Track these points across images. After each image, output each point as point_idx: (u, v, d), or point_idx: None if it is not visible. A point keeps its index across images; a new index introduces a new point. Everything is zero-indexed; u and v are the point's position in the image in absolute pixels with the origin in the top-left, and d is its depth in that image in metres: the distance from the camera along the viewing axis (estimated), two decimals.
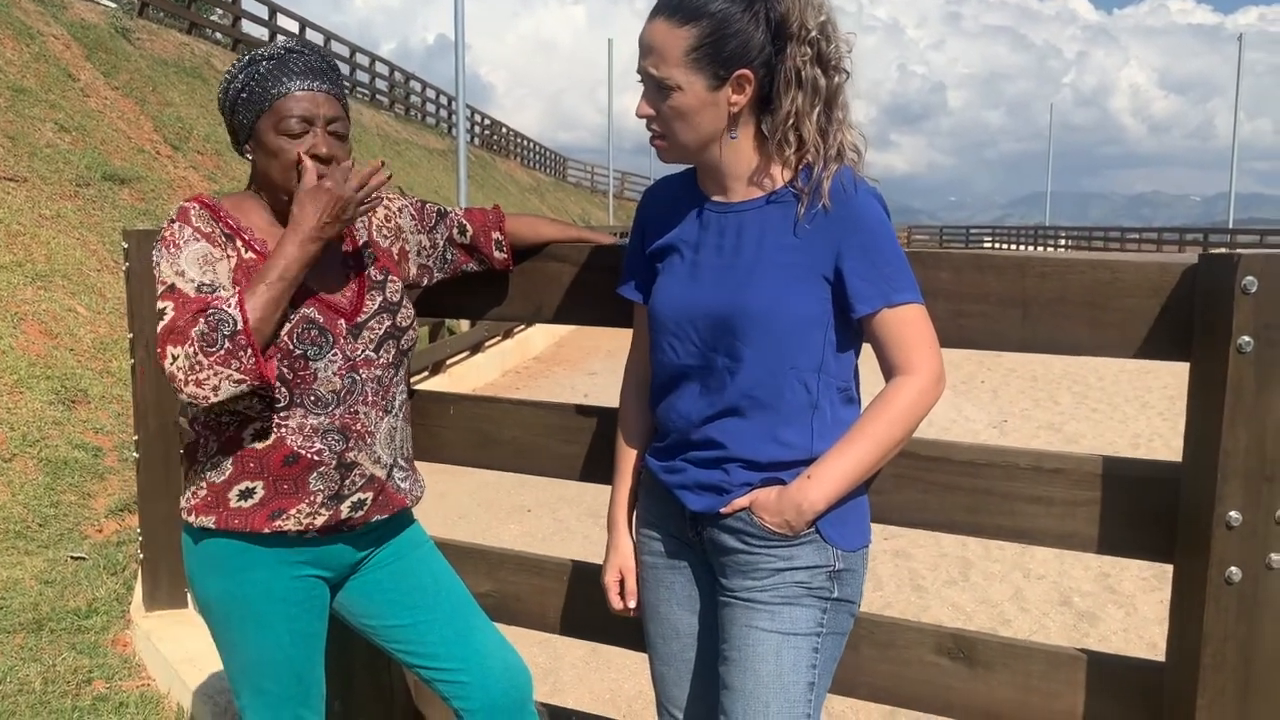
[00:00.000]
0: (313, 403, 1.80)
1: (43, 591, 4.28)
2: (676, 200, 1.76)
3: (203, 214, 1.78)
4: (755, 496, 1.64)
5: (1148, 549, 1.74)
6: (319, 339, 1.78)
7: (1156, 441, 9.13)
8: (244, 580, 1.83)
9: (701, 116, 1.60)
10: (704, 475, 1.69)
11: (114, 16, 15.38)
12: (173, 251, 1.71)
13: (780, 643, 1.62)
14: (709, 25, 1.55)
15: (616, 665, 4.24)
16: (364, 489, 1.88)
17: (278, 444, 1.79)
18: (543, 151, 45.23)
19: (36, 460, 5.64)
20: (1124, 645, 4.68)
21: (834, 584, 1.65)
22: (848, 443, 1.62)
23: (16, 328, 6.81)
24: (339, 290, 1.85)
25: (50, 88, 11.38)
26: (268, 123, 1.77)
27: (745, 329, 1.60)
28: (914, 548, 5.94)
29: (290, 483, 1.81)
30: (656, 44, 1.58)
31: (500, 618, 2.38)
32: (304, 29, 24.88)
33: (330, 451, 1.82)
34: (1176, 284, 1.66)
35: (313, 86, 1.78)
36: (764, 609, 1.64)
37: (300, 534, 1.84)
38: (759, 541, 1.64)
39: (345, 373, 1.82)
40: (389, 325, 1.90)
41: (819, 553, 1.64)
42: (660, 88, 1.59)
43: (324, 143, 1.78)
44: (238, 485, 1.81)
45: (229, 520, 1.80)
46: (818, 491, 1.59)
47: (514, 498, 6.95)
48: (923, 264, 1.79)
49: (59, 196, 9.30)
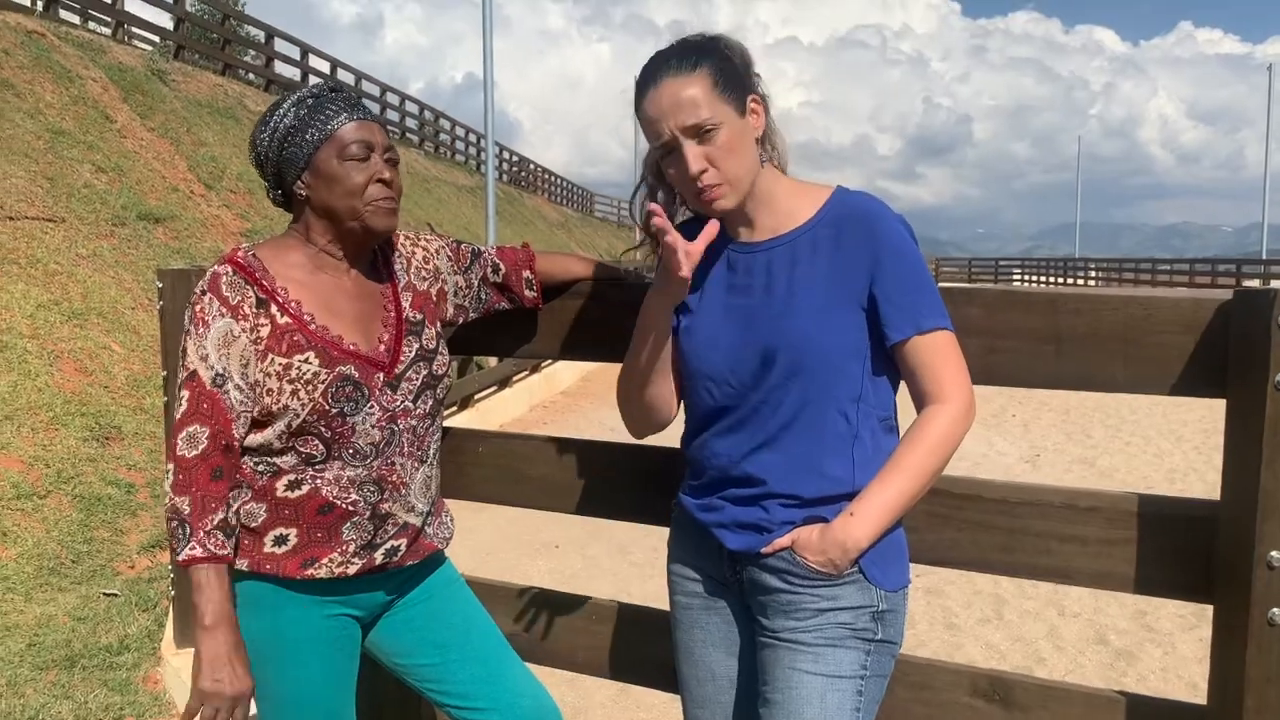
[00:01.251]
0: (351, 455, 1.80)
1: (75, 628, 4.31)
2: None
3: (235, 280, 1.77)
4: (798, 535, 1.62)
5: (1186, 589, 1.71)
6: (354, 394, 1.78)
7: (1192, 476, 8.99)
8: (277, 619, 1.83)
9: (746, 146, 1.62)
10: (743, 513, 1.67)
11: (150, 59, 15.70)
12: (200, 332, 1.73)
13: (825, 686, 1.60)
14: (715, 60, 1.60)
15: (646, 705, 4.20)
16: (397, 536, 1.88)
17: (312, 494, 1.80)
18: (570, 187, 45.57)
19: (71, 496, 5.70)
20: (1163, 685, 4.59)
21: (878, 625, 1.63)
22: (887, 476, 1.60)
23: (53, 365, 6.91)
24: (376, 339, 1.85)
25: (88, 129, 11.62)
26: (329, 152, 1.78)
27: (785, 365, 1.60)
28: (946, 585, 5.87)
29: (324, 531, 1.82)
30: (683, 96, 1.57)
31: (530, 657, 2.37)
32: (335, 69, 25.30)
33: (365, 503, 1.83)
34: (1211, 320, 1.65)
35: (365, 116, 1.82)
36: (807, 651, 1.62)
37: (333, 579, 1.85)
38: (802, 581, 1.62)
39: (384, 424, 1.82)
40: (426, 374, 1.90)
41: (862, 593, 1.62)
42: (702, 133, 1.58)
43: (384, 167, 1.81)
44: (272, 531, 1.81)
45: (261, 565, 1.81)
46: (861, 529, 1.58)
47: (542, 534, 6.93)
48: (954, 300, 1.78)
49: (95, 236, 9.46)
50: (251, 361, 1.75)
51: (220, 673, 1.70)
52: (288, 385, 1.74)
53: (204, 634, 1.72)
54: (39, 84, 11.57)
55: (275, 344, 1.75)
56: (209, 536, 1.71)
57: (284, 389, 1.74)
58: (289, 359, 1.75)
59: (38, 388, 6.54)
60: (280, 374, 1.74)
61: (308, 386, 1.75)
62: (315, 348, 1.77)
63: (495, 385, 11.99)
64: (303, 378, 1.75)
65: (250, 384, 1.75)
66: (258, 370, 1.75)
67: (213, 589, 1.71)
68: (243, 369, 1.74)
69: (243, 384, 1.74)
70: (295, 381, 1.74)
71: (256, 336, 1.75)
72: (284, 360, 1.74)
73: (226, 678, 1.70)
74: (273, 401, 1.75)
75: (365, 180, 1.78)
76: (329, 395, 1.76)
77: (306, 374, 1.75)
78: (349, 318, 1.83)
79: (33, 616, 4.41)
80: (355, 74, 26.70)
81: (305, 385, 1.74)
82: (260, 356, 1.75)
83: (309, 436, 1.78)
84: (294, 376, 1.74)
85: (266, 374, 1.75)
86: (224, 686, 1.70)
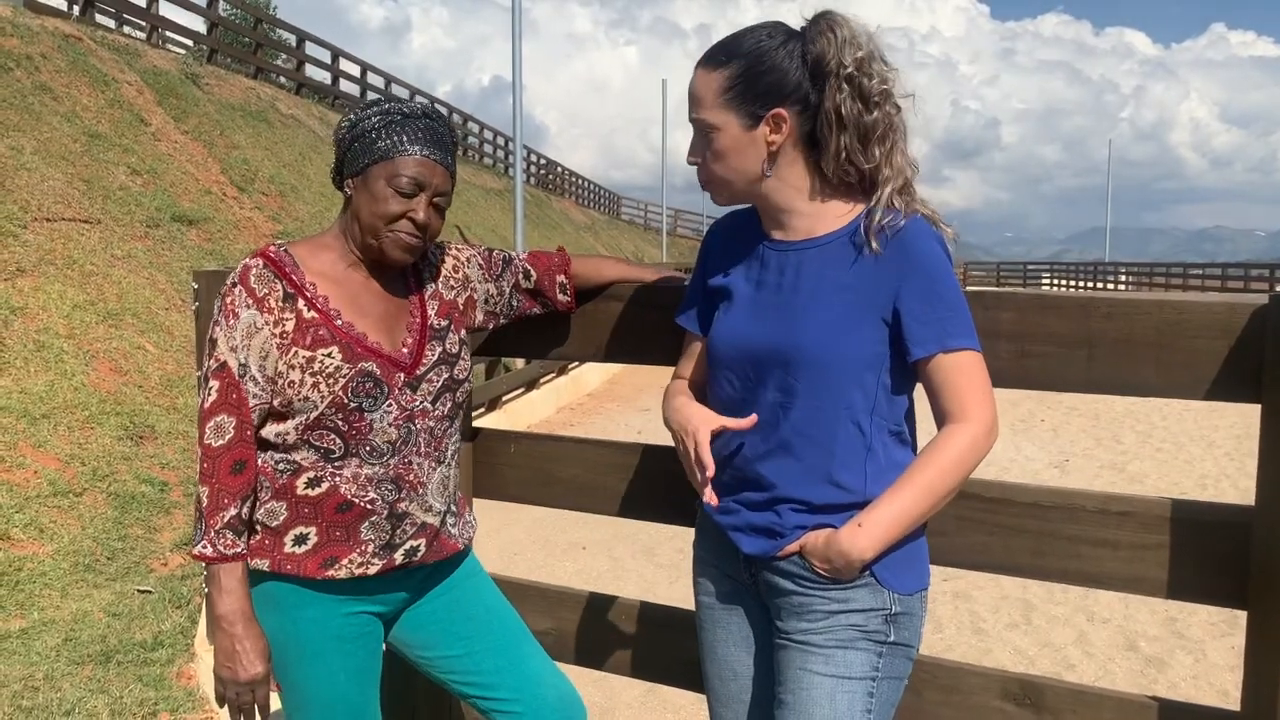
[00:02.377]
0: (368, 453, 1.83)
1: (110, 624, 4.37)
2: (738, 236, 1.78)
3: (264, 273, 1.81)
4: (805, 541, 1.63)
5: (1219, 595, 1.70)
6: (374, 391, 1.81)
7: (1224, 483, 8.89)
8: (298, 618, 1.86)
9: (741, 156, 1.63)
10: (756, 518, 1.68)
11: (184, 63, 15.89)
12: (230, 323, 1.78)
13: (835, 687, 1.60)
14: (741, 65, 1.60)
15: (674, 705, 4.22)
16: (415, 536, 1.90)
17: (331, 492, 1.83)
18: (597, 190, 45.64)
19: (106, 494, 5.79)
20: (1194, 692, 4.55)
21: (890, 627, 1.63)
22: (899, 490, 1.59)
23: (89, 365, 7.01)
24: (399, 341, 1.88)
25: (124, 132, 11.78)
26: (382, 170, 1.80)
27: (799, 367, 1.61)
28: (974, 589, 5.84)
29: (342, 530, 1.84)
30: (696, 90, 1.65)
31: (559, 655, 2.39)
32: (365, 73, 25.48)
33: (383, 501, 1.85)
34: (1246, 324, 1.64)
35: (434, 156, 1.82)
36: (818, 652, 1.63)
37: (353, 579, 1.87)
38: (813, 584, 1.63)
39: (401, 423, 1.85)
40: (447, 378, 1.92)
41: (874, 596, 1.62)
42: (701, 131, 1.65)
43: (424, 210, 1.81)
44: (292, 531, 1.84)
45: (282, 565, 1.84)
46: (866, 540, 1.57)
47: (570, 535, 6.96)
48: (985, 305, 1.78)
49: (130, 237, 9.59)
50: (271, 354, 1.78)
51: (231, 660, 1.79)
52: (309, 378, 1.78)
53: (216, 624, 1.81)
54: (76, 88, 11.74)
55: (300, 337, 1.79)
56: (219, 536, 1.77)
57: (306, 381, 1.78)
58: (313, 352, 1.78)
59: (74, 387, 6.64)
60: (303, 366, 1.78)
61: (329, 380, 1.78)
62: (339, 343, 1.80)
63: (523, 387, 12.04)
64: (324, 371, 1.78)
65: (267, 377, 1.79)
66: (280, 362, 1.78)
67: (221, 583, 1.79)
68: (261, 361, 1.78)
69: (259, 376, 1.78)
70: (317, 374, 1.78)
71: (282, 330, 1.79)
72: (308, 353, 1.78)
73: (237, 664, 1.79)
74: (294, 393, 1.78)
75: (400, 212, 1.80)
76: (349, 390, 1.79)
77: (329, 368, 1.78)
78: (374, 317, 1.86)
79: (69, 612, 4.48)
80: (385, 77, 26.88)
81: (326, 379, 1.78)
82: (284, 350, 1.78)
83: (326, 431, 1.80)
84: (316, 369, 1.78)
85: (290, 366, 1.78)
86: (236, 673, 1.79)
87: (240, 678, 1.79)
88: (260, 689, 1.82)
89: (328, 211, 14.81)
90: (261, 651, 1.81)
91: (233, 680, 1.80)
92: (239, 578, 1.80)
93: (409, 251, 1.84)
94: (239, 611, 1.79)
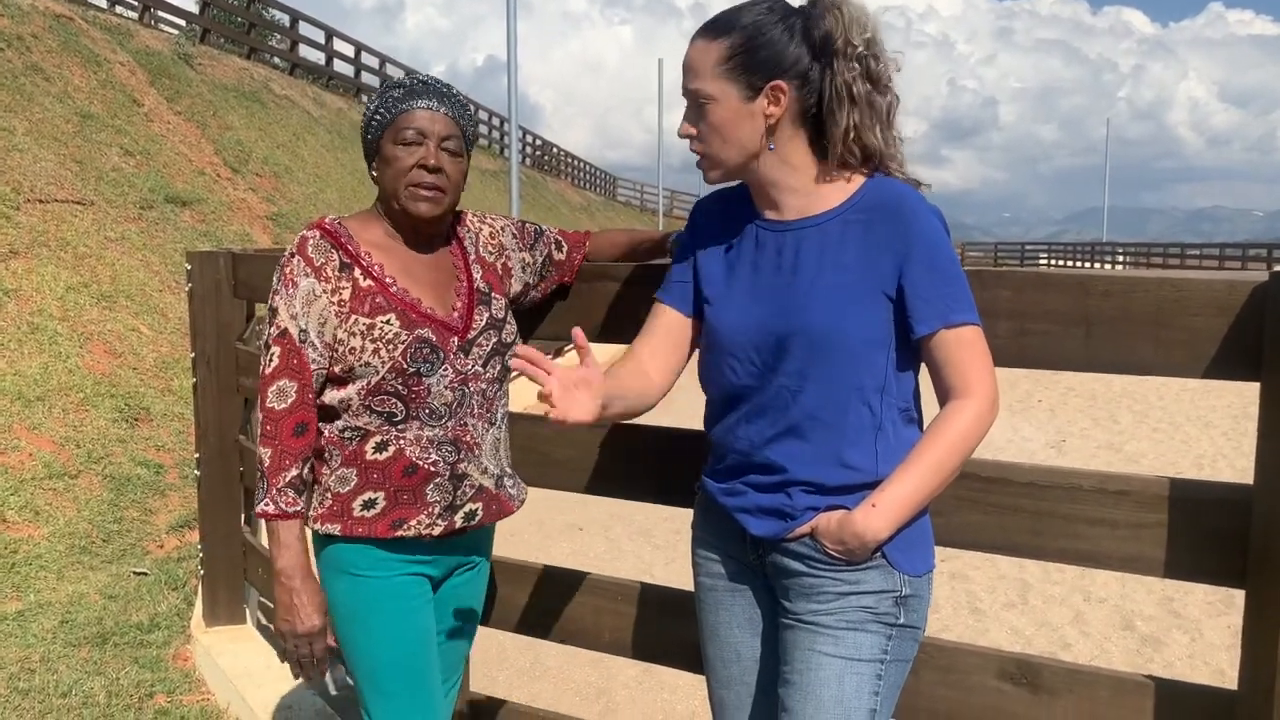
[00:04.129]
0: (428, 415, 1.90)
1: (107, 606, 4.37)
2: (729, 217, 1.76)
3: (321, 244, 1.88)
4: (818, 522, 1.62)
5: (1218, 573, 1.70)
6: (431, 356, 1.88)
7: (1221, 462, 8.91)
8: (366, 580, 1.93)
9: (738, 129, 1.61)
10: (765, 499, 1.67)
11: (177, 43, 15.78)
12: (290, 292, 1.86)
13: (844, 668, 1.60)
14: (740, 36, 1.58)
15: (670, 686, 4.22)
16: (474, 499, 1.97)
17: (397, 455, 1.89)
18: (593, 171, 45.49)
19: (101, 477, 5.78)
20: (1189, 672, 4.56)
21: (900, 610, 1.63)
22: (909, 469, 1.59)
23: (83, 347, 6.99)
24: (450, 305, 1.94)
25: (116, 113, 11.71)
26: (389, 136, 1.88)
27: (807, 350, 1.59)
28: (971, 570, 5.85)
29: (409, 493, 1.91)
30: (692, 61, 1.63)
31: (556, 636, 2.39)
32: (360, 53, 25.33)
33: (444, 463, 1.92)
34: (1246, 302, 1.62)
35: (433, 106, 1.89)
36: (828, 633, 1.62)
37: (417, 539, 1.94)
38: (824, 566, 1.62)
39: (456, 385, 1.91)
40: (495, 341, 1.98)
41: (886, 578, 1.62)
42: (696, 103, 1.63)
43: (434, 155, 1.87)
44: (361, 496, 1.90)
45: (353, 528, 1.90)
46: (881, 520, 1.57)
47: (566, 516, 6.96)
48: (984, 283, 1.77)
49: (124, 219, 9.55)
50: (329, 321, 1.86)
51: (290, 613, 1.88)
52: (370, 344, 1.84)
53: (275, 579, 1.89)
54: (68, 68, 11.66)
55: (359, 305, 1.85)
56: (280, 494, 1.84)
57: (366, 347, 1.84)
58: (372, 319, 1.85)
59: (68, 369, 6.62)
60: (364, 333, 1.84)
61: (389, 346, 1.84)
62: (396, 310, 1.86)
63: None
64: (384, 337, 1.84)
65: (325, 343, 1.86)
66: (340, 329, 1.85)
67: (281, 539, 1.87)
68: (320, 327, 1.85)
69: (318, 342, 1.86)
70: (378, 341, 1.84)
71: (339, 299, 1.86)
72: (368, 320, 1.85)
73: (295, 617, 1.88)
74: (355, 360, 1.85)
75: (411, 163, 1.86)
76: (407, 355, 1.85)
77: (388, 334, 1.85)
78: (426, 284, 1.93)
79: (65, 594, 4.47)
80: (380, 58, 26.72)
81: (386, 345, 1.84)
82: (343, 317, 1.85)
83: (387, 396, 1.87)
84: (376, 336, 1.84)
85: (351, 333, 1.85)
86: (294, 625, 1.88)
87: (298, 629, 1.88)
88: (318, 642, 1.90)
89: (321, 193, 14.75)
90: (319, 605, 1.90)
91: (291, 632, 1.89)
92: (297, 534, 1.88)
93: (431, 203, 1.88)
94: (297, 566, 1.87)
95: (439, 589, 2.06)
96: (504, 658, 4.39)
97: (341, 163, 17.40)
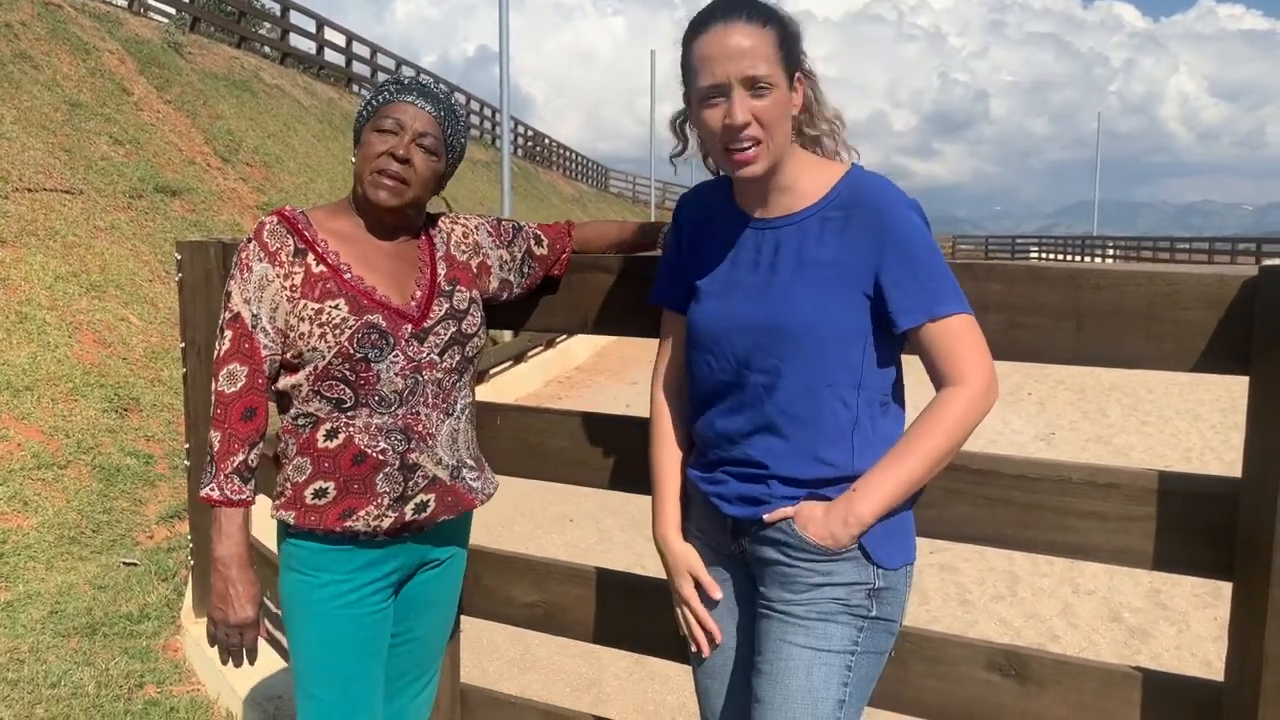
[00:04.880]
0: (377, 403, 1.89)
1: (96, 596, 4.36)
2: (711, 213, 1.76)
3: (278, 229, 1.90)
4: (800, 508, 1.63)
5: (1206, 566, 1.71)
6: (379, 342, 1.87)
7: (1209, 455, 8.95)
8: (314, 581, 1.93)
9: (787, 118, 1.62)
10: (745, 488, 1.68)
11: (167, 32, 15.69)
12: (244, 276, 1.87)
13: (812, 659, 1.61)
14: (780, 27, 1.59)
15: (660, 677, 4.23)
16: (426, 490, 1.96)
17: (347, 443, 1.89)
18: (585, 162, 45.40)
19: (90, 467, 5.76)
20: (1177, 663, 4.59)
21: (872, 602, 1.64)
22: (896, 456, 1.60)
23: (72, 337, 6.96)
24: (408, 295, 1.94)
25: (105, 102, 11.64)
26: (370, 125, 1.92)
27: (783, 347, 1.60)
28: (960, 561, 5.87)
29: (359, 483, 1.90)
30: (748, 46, 1.54)
31: (547, 628, 2.39)
32: (350, 42, 25.21)
33: (394, 451, 1.91)
34: (1236, 296, 1.63)
35: (418, 103, 1.92)
36: (799, 624, 1.63)
37: (370, 536, 1.93)
38: (799, 554, 1.63)
39: (408, 373, 1.90)
40: (454, 331, 1.98)
41: (859, 570, 1.62)
42: (757, 87, 1.55)
43: (405, 146, 1.88)
44: (313, 484, 1.90)
45: (305, 517, 1.90)
46: (865, 505, 1.58)
47: (557, 507, 6.96)
48: (974, 276, 1.77)
49: (113, 208, 9.50)
50: (281, 306, 1.86)
51: (223, 602, 1.88)
52: (317, 329, 1.84)
53: (212, 566, 1.88)
54: (56, 56, 11.59)
55: (309, 290, 1.86)
56: (227, 481, 1.85)
57: (313, 332, 1.84)
58: (320, 304, 1.85)
59: (57, 359, 6.59)
60: (311, 318, 1.85)
61: (335, 331, 1.84)
62: (346, 295, 1.87)
63: (510, 360, 12.01)
64: (331, 322, 1.85)
65: (277, 328, 1.87)
66: (290, 315, 1.86)
67: (223, 527, 1.87)
68: (272, 312, 1.86)
69: (269, 328, 1.86)
70: (324, 325, 1.84)
71: (291, 284, 1.87)
72: (316, 305, 1.85)
73: (229, 606, 1.88)
74: (304, 344, 1.85)
75: (382, 149, 1.88)
76: (354, 340, 1.85)
77: (335, 319, 1.85)
78: (385, 272, 1.93)
79: (54, 585, 4.46)
80: (371, 47, 26.60)
81: (333, 329, 1.84)
82: (293, 302, 1.86)
83: (335, 381, 1.87)
84: (324, 321, 1.85)
85: (300, 318, 1.85)
86: (227, 615, 1.88)
87: (230, 620, 1.88)
88: (249, 632, 1.90)
89: (312, 183, 14.69)
90: (253, 597, 1.90)
91: (223, 621, 1.88)
92: (239, 523, 1.88)
93: (389, 191, 1.89)
94: (235, 556, 1.87)
95: (405, 586, 2.05)
96: (495, 649, 4.39)
97: (332, 152, 17.32)
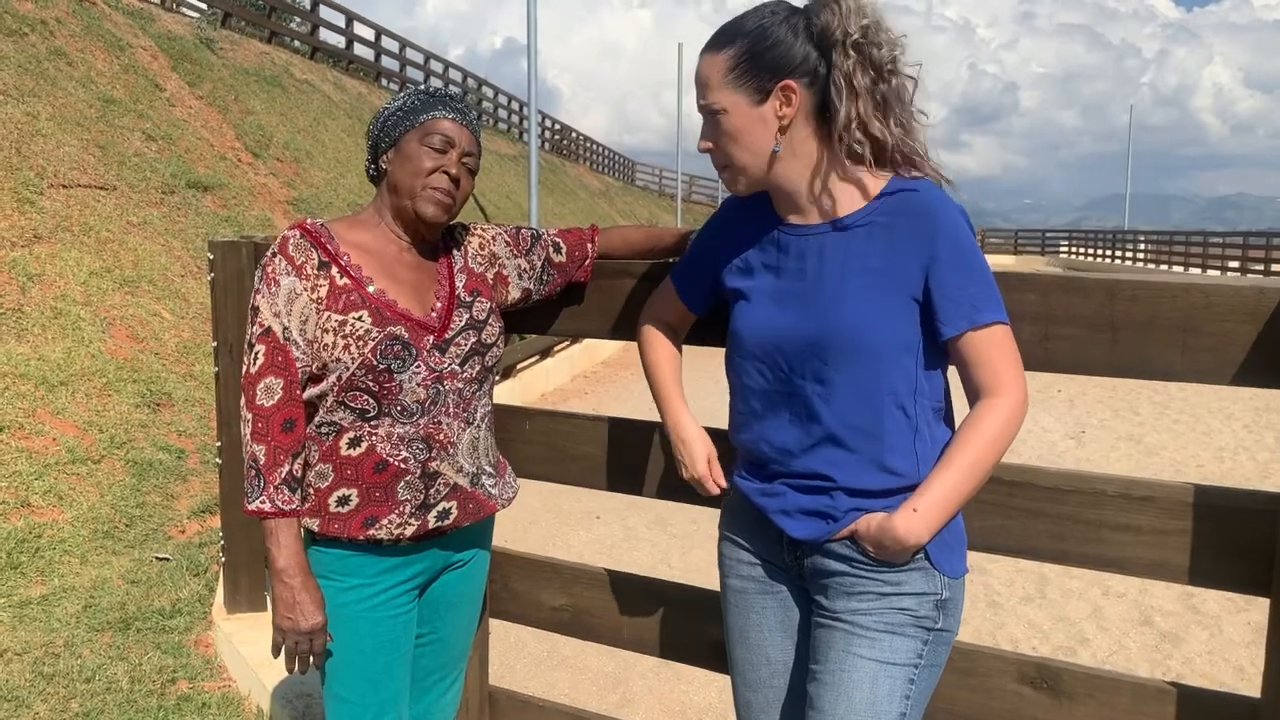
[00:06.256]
0: (399, 412, 1.92)
1: (129, 591, 4.41)
2: (754, 219, 1.75)
3: (301, 243, 1.92)
4: (857, 526, 1.61)
5: (1243, 581, 1.69)
6: (402, 353, 1.90)
7: (1242, 454, 8.82)
8: (340, 586, 1.96)
9: (752, 135, 1.61)
10: (807, 501, 1.66)
11: (198, 27, 15.81)
12: (272, 290, 1.89)
13: (877, 671, 1.59)
14: (744, 43, 1.59)
15: (687, 677, 4.23)
16: (448, 498, 1.99)
17: (369, 451, 1.92)
18: (611, 156, 45.37)
19: (124, 461, 5.83)
20: (1209, 669, 4.54)
21: (939, 614, 1.62)
22: (946, 471, 1.57)
23: (105, 332, 7.04)
24: (429, 307, 1.98)
25: (138, 98, 11.75)
26: (415, 135, 1.94)
27: (836, 355, 1.59)
28: (989, 562, 5.83)
29: (381, 490, 1.93)
30: (702, 76, 1.64)
31: (575, 632, 2.39)
32: (380, 36, 25.32)
33: (415, 460, 1.94)
34: (1275, 308, 1.61)
35: (461, 120, 1.98)
36: (865, 635, 1.61)
37: (394, 543, 1.96)
38: (866, 566, 1.62)
39: (430, 383, 1.93)
40: (474, 341, 2.01)
41: (928, 580, 1.61)
42: (711, 115, 1.63)
43: (455, 165, 1.94)
44: (336, 492, 1.93)
45: (329, 525, 1.93)
46: (922, 524, 1.56)
47: (583, 504, 6.98)
48: (1009, 286, 1.76)
49: (146, 204, 9.59)
50: (310, 318, 1.89)
51: (291, 610, 1.89)
52: (341, 340, 1.88)
53: (275, 577, 1.89)
54: (90, 52, 11.70)
55: (333, 302, 1.89)
56: (277, 492, 1.86)
57: (338, 343, 1.88)
58: (344, 316, 1.88)
59: (91, 354, 6.66)
60: (336, 329, 1.88)
61: (359, 342, 1.88)
62: (369, 307, 1.90)
63: (537, 355, 12.04)
64: (355, 334, 1.88)
65: (307, 340, 1.89)
66: (315, 327, 1.89)
67: (279, 538, 1.88)
68: (302, 325, 1.89)
69: (300, 340, 1.89)
70: (348, 337, 1.88)
71: (317, 296, 1.89)
72: (340, 317, 1.88)
73: (298, 614, 1.89)
74: (329, 355, 1.88)
75: (433, 167, 1.93)
76: (377, 351, 1.88)
77: (359, 330, 1.88)
78: (406, 285, 1.97)
79: (88, 579, 4.52)
80: (400, 41, 26.71)
81: (357, 341, 1.88)
82: (319, 314, 1.89)
83: (359, 392, 1.90)
84: (348, 332, 1.88)
85: (324, 329, 1.88)
86: (297, 623, 1.89)
87: (301, 627, 1.89)
88: (319, 638, 1.93)
89: (342, 178, 14.77)
90: (319, 602, 1.92)
91: (293, 630, 1.90)
92: (295, 533, 1.90)
93: (441, 208, 1.94)
94: (297, 565, 1.89)
95: (429, 588, 2.09)
96: (522, 646, 4.41)
97: (362, 147, 17.38)
